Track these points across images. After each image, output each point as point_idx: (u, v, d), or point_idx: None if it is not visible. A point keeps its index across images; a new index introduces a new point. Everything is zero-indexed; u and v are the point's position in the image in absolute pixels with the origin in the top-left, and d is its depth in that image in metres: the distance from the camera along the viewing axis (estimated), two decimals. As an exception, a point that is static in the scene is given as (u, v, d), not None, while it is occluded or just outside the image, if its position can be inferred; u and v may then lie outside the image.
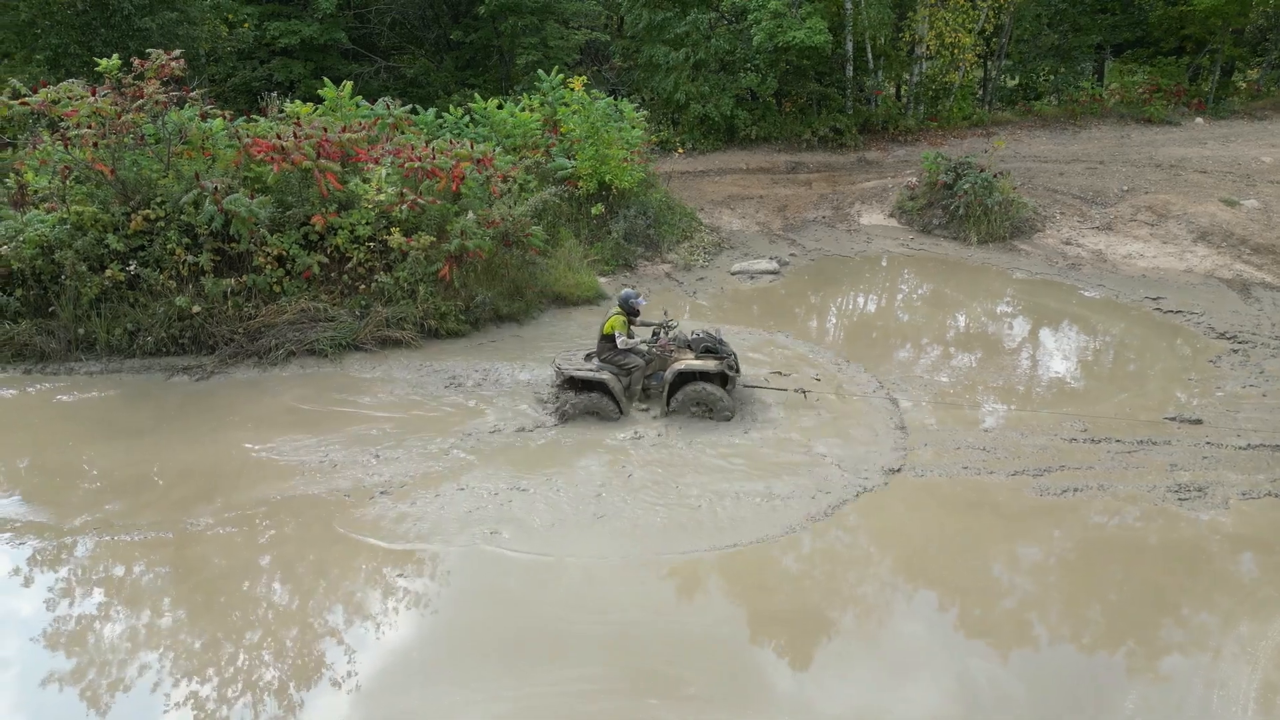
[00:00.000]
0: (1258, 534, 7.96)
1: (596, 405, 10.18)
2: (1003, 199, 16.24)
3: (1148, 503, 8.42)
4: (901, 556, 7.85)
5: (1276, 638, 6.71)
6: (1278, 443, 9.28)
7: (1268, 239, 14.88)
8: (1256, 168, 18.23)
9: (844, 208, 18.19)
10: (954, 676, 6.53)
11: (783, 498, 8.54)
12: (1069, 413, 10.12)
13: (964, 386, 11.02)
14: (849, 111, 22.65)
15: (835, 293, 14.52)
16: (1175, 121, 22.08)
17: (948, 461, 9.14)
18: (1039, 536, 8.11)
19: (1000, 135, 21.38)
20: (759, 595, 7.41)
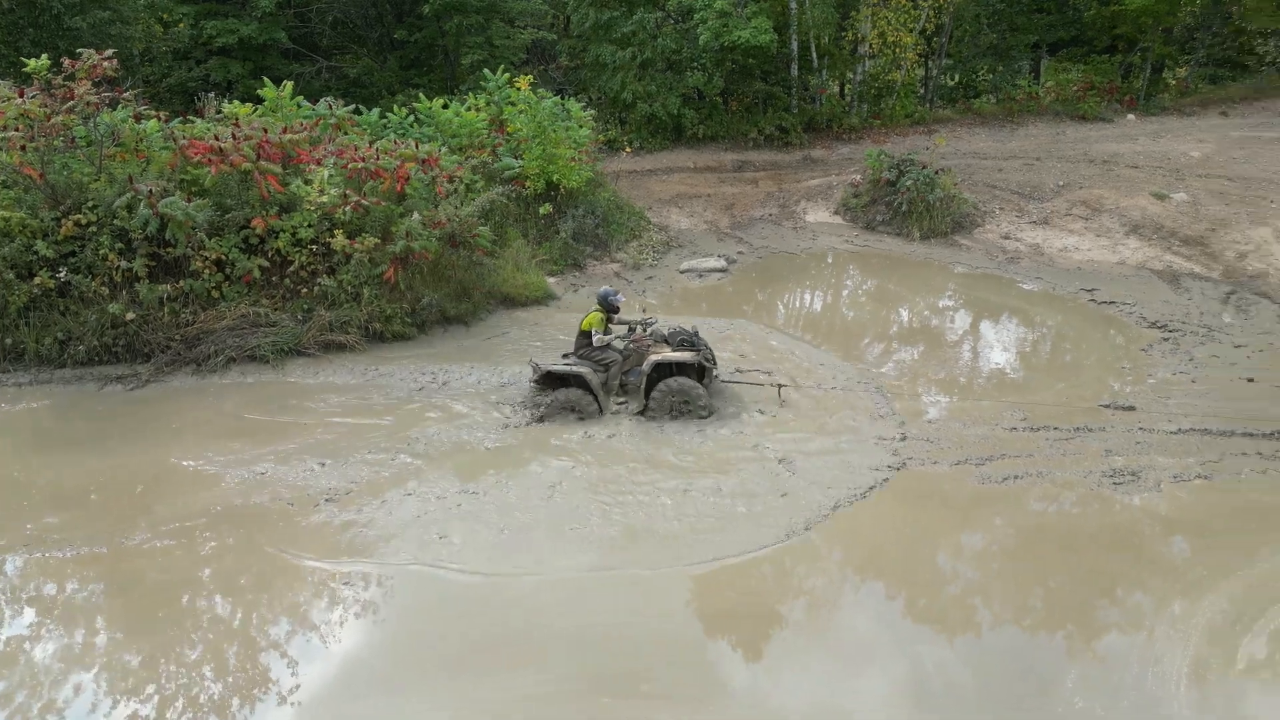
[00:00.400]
0: (1188, 516, 8.22)
1: (575, 400, 10.10)
2: (944, 195, 16.55)
3: (1084, 488, 8.65)
4: (852, 549, 7.95)
5: (1207, 616, 6.93)
6: (1207, 427, 9.59)
7: (1196, 231, 15.38)
8: (1185, 162, 18.83)
9: (790, 205, 18.38)
10: (905, 666, 6.63)
11: (732, 496, 8.59)
12: (1010, 402, 10.35)
13: (907, 379, 11.20)
14: (794, 110, 22.89)
15: (782, 290, 14.65)
16: (1108, 118, 22.71)
17: (895, 453, 9.29)
18: (982, 525, 8.29)
19: (941, 133, 21.78)
20: (715, 595, 7.44)
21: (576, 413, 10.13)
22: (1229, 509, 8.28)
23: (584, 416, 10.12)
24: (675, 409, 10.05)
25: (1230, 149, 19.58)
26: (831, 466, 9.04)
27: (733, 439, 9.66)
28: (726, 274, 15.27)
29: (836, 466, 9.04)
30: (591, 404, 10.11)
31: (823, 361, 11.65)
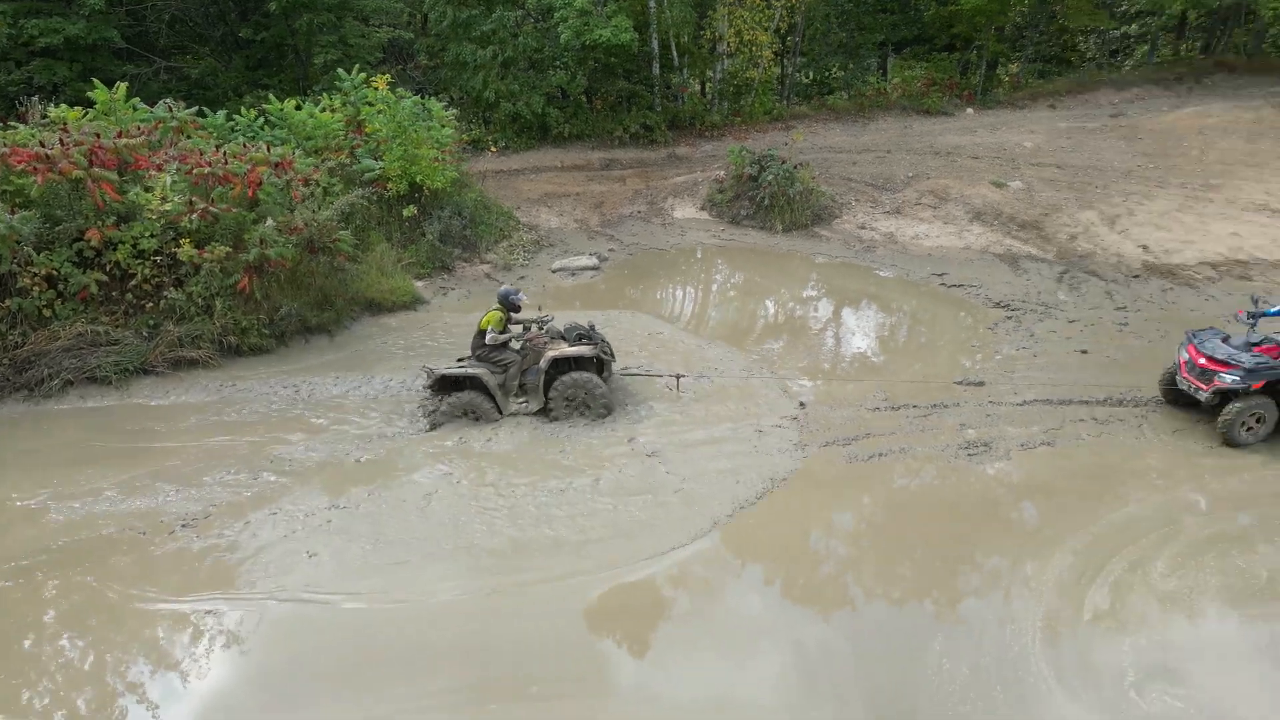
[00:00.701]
0: (1035, 480, 8.81)
1: (472, 404, 9.87)
2: (803, 189, 17.12)
3: (943, 461, 9.14)
4: (731, 534, 8.10)
5: (1056, 573, 7.45)
6: (1048, 398, 10.31)
7: (1031, 216, 16.51)
8: (1020, 152, 20.19)
9: (658, 202, 18.59)
10: (789, 646, 6.83)
11: (624, 495, 8.61)
12: (873, 384, 10.81)
13: (775, 365, 11.52)
14: (658, 109, 23.17)
15: (656, 285, 14.81)
16: (950, 112, 24.04)
17: (797, 441, 9.54)
18: (851, 503, 8.61)
19: (798, 128, 22.55)
20: (607, 599, 7.43)
21: (474, 416, 9.92)
22: (1071, 472, 8.92)
23: (482, 419, 9.92)
24: (575, 405, 9.98)
25: (1058, 139, 21.13)
26: (728, 457, 9.20)
27: (626, 434, 9.70)
28: (599, 272, 15.31)
29: (733, 457, 9.21)
30: (489, 406, 9.92)
31: (711, 351, 11.86)
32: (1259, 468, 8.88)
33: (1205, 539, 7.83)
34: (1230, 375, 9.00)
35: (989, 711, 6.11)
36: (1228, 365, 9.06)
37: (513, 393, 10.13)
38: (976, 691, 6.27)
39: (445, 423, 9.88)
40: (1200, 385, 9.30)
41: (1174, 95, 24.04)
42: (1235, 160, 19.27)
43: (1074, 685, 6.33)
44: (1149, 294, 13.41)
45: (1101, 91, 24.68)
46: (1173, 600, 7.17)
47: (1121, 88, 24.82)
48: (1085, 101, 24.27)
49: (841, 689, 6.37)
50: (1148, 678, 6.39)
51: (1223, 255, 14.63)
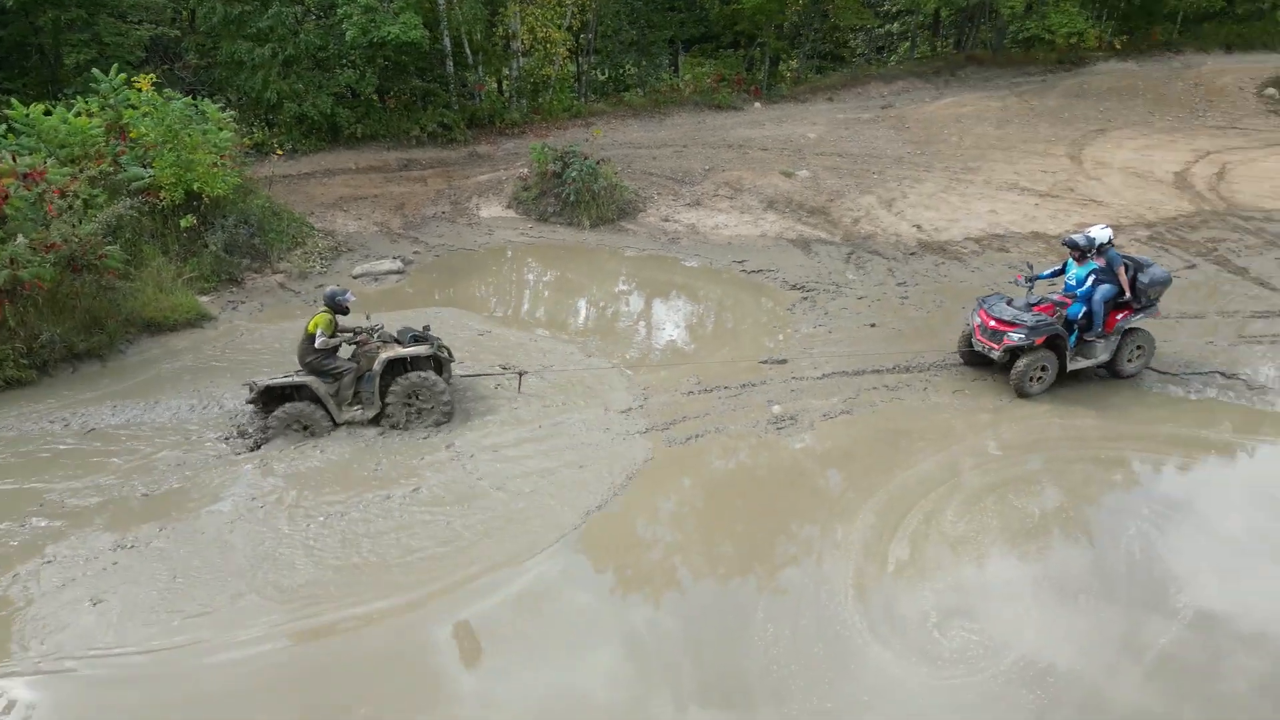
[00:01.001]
0: (838, 448, 9.42)
1: (302, 415, 9.24)
2: (607, 184, 17.35)
3: (755, 437, 9.58)
4: (559, 527, 8.09)
5: (861, 533, 7.99)
6: (844, 370, 11.04)
7: (818, 202, 17.59)
8: (804, 143, 21.45)
9: (462, 202, 18.24)
10: (622, 638, 6.92)
11: (454, 506, 8.39)
12: (685, 369, 11.14)
13: (605, 356, 11.61)
14: (455, 107, 22.70)
15: (467, 286, 14.52)
16: (739, 107, 25.14)
17: (644, 430, 9.62)
18: (672, 486, 8.83)
19: (598, 125, 22.82)
20: (432, 611, 7.22)
21: (305, 429, 9.33)
22: (868, 437, 9.60)
23: (315, 432, 9.35)
24: (415, 409, 9.59)
25: (838, 129, 22.63)
26: (574, 449, 9.18)
27: (468, 437, 9.49)
28: (404, 275, 14.82)
29: (581, 449, 9.20)
30: (321, 415, 9.35)
31: (540, 345, 11.80)
32: (1027, 419, 9.92)
33: (985, 486, 8.67)
34: (1016, 334, 10.01)
35: (811, 668, 6.48)
36: (1014, 325, 10.07)
37: (346, 401, 9.59)
38: (799, 652, 6.63)
39: (274, 439, 9.28)
40: (993, 345, 10.28)
41: (934, 87, 26.36)
42: (988, 145, 21.43)
43: (884, 633, 6.83)
44: (925, 269, 14.63)
45: (872, 85, 26.65)
46: (962, 545, 7.88)
47: (889, 81, 26.90)
48: (859, 94, 26.12)
49: (675, 670, 6.55)
50: (947, 617, 7.00)
51: (983, 230, 16.23)
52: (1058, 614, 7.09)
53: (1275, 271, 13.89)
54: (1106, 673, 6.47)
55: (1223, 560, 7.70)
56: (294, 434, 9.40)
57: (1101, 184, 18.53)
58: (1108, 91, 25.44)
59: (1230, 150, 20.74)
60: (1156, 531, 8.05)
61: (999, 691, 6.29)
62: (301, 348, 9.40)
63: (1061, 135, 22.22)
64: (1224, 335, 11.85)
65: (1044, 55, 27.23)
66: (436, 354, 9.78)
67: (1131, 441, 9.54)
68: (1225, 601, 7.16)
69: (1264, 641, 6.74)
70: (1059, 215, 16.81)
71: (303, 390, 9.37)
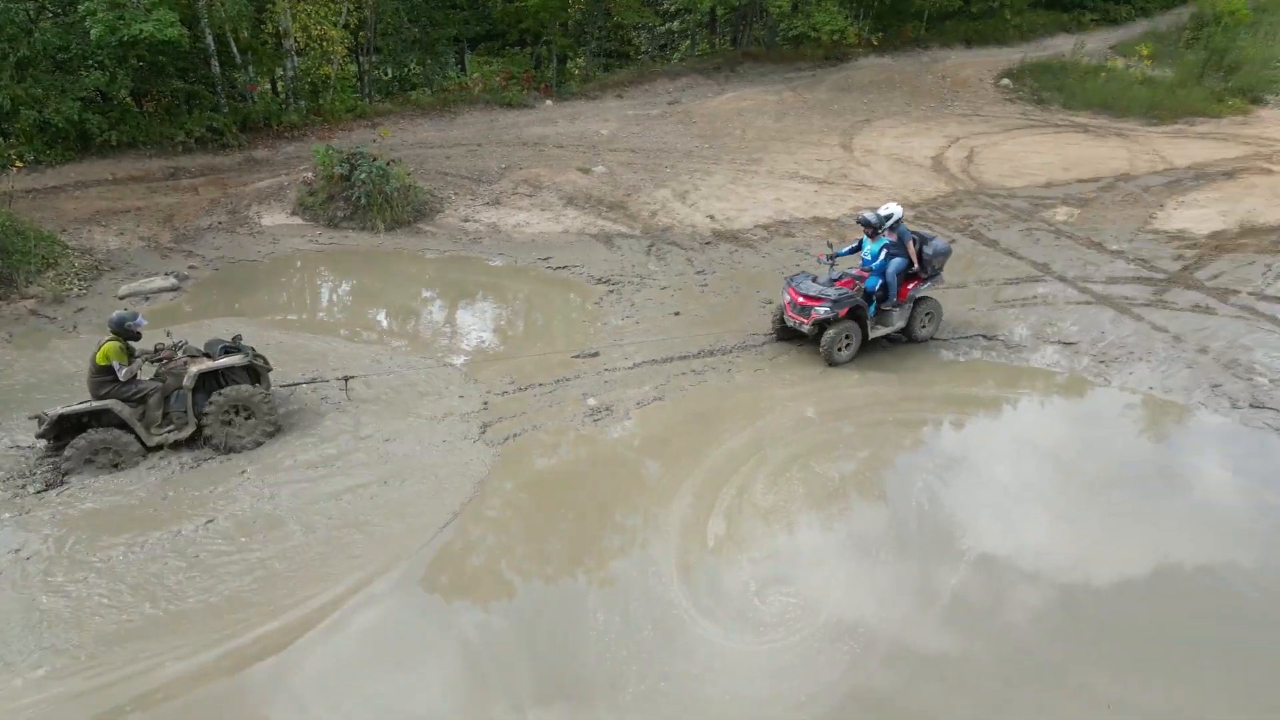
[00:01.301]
0: (654, 433, 9.66)
1: (105, 443, 8.37)
2: (400, 185, 16.78)
3: (573, 431, 9.64)
4: (374, 539, 7.77)
5: (680, 514, 8.25)
6: (653, 358, 11.33)
7: (617, 197, 17.92)
8: (598, 139, 21.76)
9: (241, 211, 17.04)
10: (455, 650, 6.77)
11: (248, 535, 7.81)
12: (498, 369, 11.01)
13: (401, 365, 11.24)
14: (225, 110, 21.13)
15: (255, 299, 13.56)
16: (531, 105, 25.09)
17: (398, 437, 9.29)
18: (495, 490, 8.71)
19: (385, 125, 22.02)
20: (248, 657, 6.71)
21: (113, 456, 8.46)
22: (681, 420, 9.91)
23: (122, 461, 8.49)
24: (235, 425, 8.90)
25: (629, 125, 23.12)
26: (386, 471, 8.74)
27: (288, 453, 8.91)
28: (181, 292, 13.64)
29: (396, 470, 8.77)
30: (131, 442, 8.53)
31: (347, 350, 11.23)
32: (823, 391, 10.61)
33: (789, 457, 9.19)
34: (822, 307, 10.77)
35: (643, 650, 6.62)
36: (819, 299, 10.83)
37: (156, 422, 8.85)
38: (630, 636, 6.76)
39: (77, 469, 8.37)
40: (802, 320, 11.00)
41: (716, 83, 27.49)
42: (769, 137, 22.65)
43: (709, 607, 7.09)
44: (720, 257, 15.26)
45: (658, 82, 27.42)
46: (773, 514, 8.32)
47: (674, 78, 27.78)
48: (646, 91, 26.79)
49: (511, 672, 6.48)
50: (765, 585, 7.37)
51: (771, 218, 17.15)
52: (861, 570, 7.65)
53: (1021, 243, 15.63)
54: (907, 619, 7.05)
55: (997, 505, 8.58)
56: (99, 466, 8.51)
57: (871, 170, 20.08)
58: (870, 85, 27.57)
59: (976, 135, 23.10)
60: (940, 484, 8.85)
61: (816, 648, 6.71)
62: (93, 382, 8.61)
63: (833, 126, 23.86)
64: (983, 302, 13.20)
65: (812, 51, 29.08)
66: (253, 364, 9.18)
67: (915, 403, 10.43)
68: (1002, 544, 7.98)
69: (1038, 577, 7.57)
70: (836, 200, 18.06)
71: (104, 416, 8.51)
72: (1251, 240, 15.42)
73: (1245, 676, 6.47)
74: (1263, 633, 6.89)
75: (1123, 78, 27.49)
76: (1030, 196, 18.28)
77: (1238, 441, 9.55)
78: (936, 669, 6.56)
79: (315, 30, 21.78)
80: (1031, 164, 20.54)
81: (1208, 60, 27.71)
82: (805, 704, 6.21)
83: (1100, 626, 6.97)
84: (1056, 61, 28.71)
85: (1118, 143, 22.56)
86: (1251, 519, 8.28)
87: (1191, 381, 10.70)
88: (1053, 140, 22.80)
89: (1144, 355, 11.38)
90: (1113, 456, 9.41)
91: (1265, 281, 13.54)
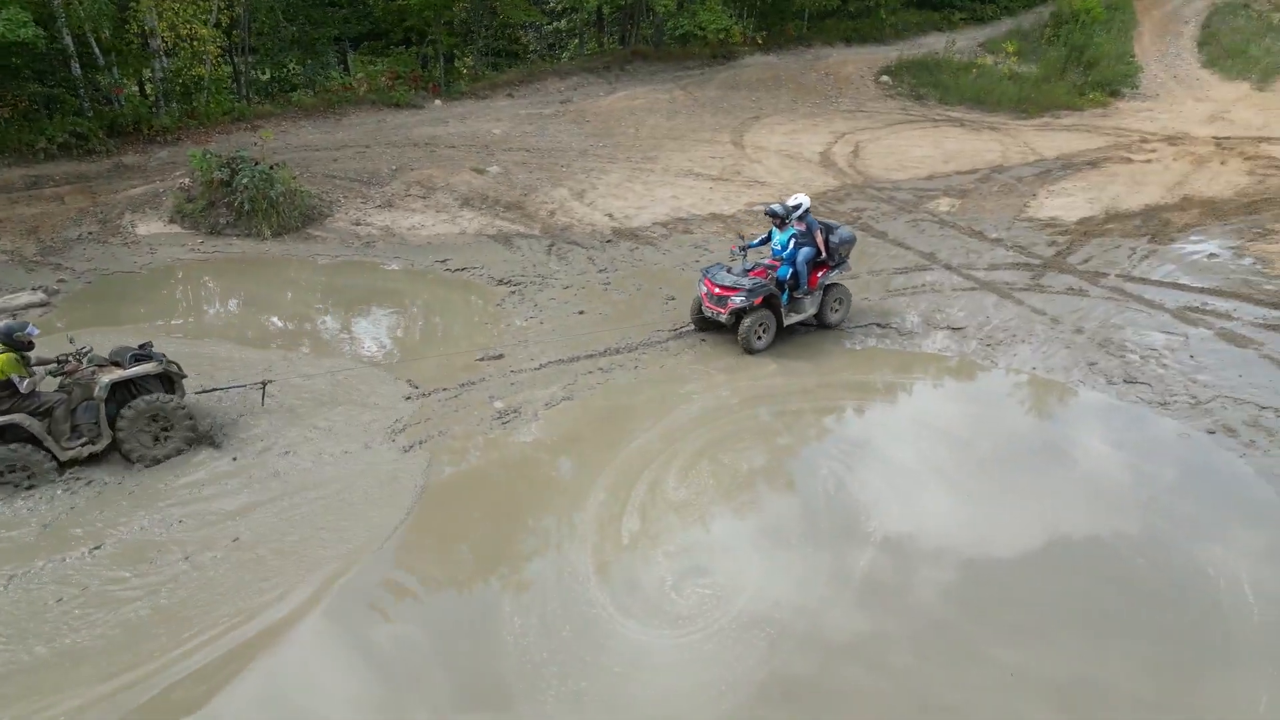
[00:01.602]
0: (564, 433, 9.61)
1: (14, 459, 8.04)
2: (285, 190, 16.15)
3: (481, 434, 9.49)
4: (278, 550, 7.45)
5: (594, 513, 8.22)
6: (560, 357, 11.26)
7: (513, 197, 17.73)
8: (491, 139, 21.47)
9: (114, 220, 16.06)
10: (369, 666, 6.55)
11: (135, 567, 7.36)
12: (401, 377, 10.72)
13: (301, 374, 10.81)
14: (90, 114, 19.86)
15: (133, 311, 12.78)
16: (419, 105, 24.54)
17: (298, 449, 8.94)
18: (400, 501, 8.47)
19: (267, 128, 21.14)
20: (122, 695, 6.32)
21: (23, 474, 8.14)
22: (590, 419, 9.89)
23: (34, 477, 8.20)
24: (153, 434, 8.63)
25: (522, 125, 22.92)
26: (289, 484, 8.37)
27: (181, 471, 8.50)
28: (50, 308, 12.76)
29: (299, 483, 8.40)
30: (42, 458, 8.20)
31: (244, 356, 10.62)
32: (726, 384, 10.76)
33: (697, 449, 9.28)
34: (738, 297, 11.08)
35: (563, 652, 6.57)
36: (734, 289, 11.11)
37: (65, 435, 8.41)
38: (550, 639, 6.70)
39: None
40: (719, 310, 11.29)
41: (606, 82, 27.53)
42: (662, 135, 22.85)
43: (627, 604, 7.09)
44: (621, 255, 15.29)
45: (549, 81, 27.26)
46: (685, 508, 8.38)
47: (564, 77, 27.68)
48: (537, 90, 26.61)
49: (429, 684, 6.34)
50: (682, 578, 7.42)
51: (668, 215, 17.29)
52: (773, 555, 7.79)
53: (907, 233, 16.24)
54: (821, 601, 7.22)
55: (900, 487, 8.87)
56: (13, 485, 8.13)
57: (762, 166, 20.51)
58: (757, 82, 28.14)
59: (860, 130, 23.89)
60: (844, 469, 9.10)
61: (734, 636, 6.79)
62: None
63: (724, 124, 24.26)
64: (875, 291, 13.66)
65: (700, 50, 29.47)
66: (166, 370, 8.80)
67: (814, 393, 10.69)
68: (907, 524, 8.25)
69: (942, 554, 7.87)
70: (731, 197, 18.36)
71: (9, 431, 8.09)
72: (1116, 225, 16.48)
73: (1139, 641, 6.86)
74: (1152, 598, 7.32)
75: (992, 74, 28.93)
76: (914, 189, 19.02)
77: (1115, 416, 10.17)
78: (851, 649, 6.75)
79: (184, 29, 20.71)
80: (913, 157, 21.39)
81: (1068, 56, 29.45)
82: (725, 693, 6.28)
83: (1003, 598, 7.30)
84: (931, 59, 29.96)
85: (991, 136, 23.74)
86: (1134, 489, 8.81)
87: (1070, 361, 11.34)
88: (932, 134, 23.80)
89: (1026, 337, 11.99)
90: (1003, 435, 9.89)
91: (1131, 264, 14.49)
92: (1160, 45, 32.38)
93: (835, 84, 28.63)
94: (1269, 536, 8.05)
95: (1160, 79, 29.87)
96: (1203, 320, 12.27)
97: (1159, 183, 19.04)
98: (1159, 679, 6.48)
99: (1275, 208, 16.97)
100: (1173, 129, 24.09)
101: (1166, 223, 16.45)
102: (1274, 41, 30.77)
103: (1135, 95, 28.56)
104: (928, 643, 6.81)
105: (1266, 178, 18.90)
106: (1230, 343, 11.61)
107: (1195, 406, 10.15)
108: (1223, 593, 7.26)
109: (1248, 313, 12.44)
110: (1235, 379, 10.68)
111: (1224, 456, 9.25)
